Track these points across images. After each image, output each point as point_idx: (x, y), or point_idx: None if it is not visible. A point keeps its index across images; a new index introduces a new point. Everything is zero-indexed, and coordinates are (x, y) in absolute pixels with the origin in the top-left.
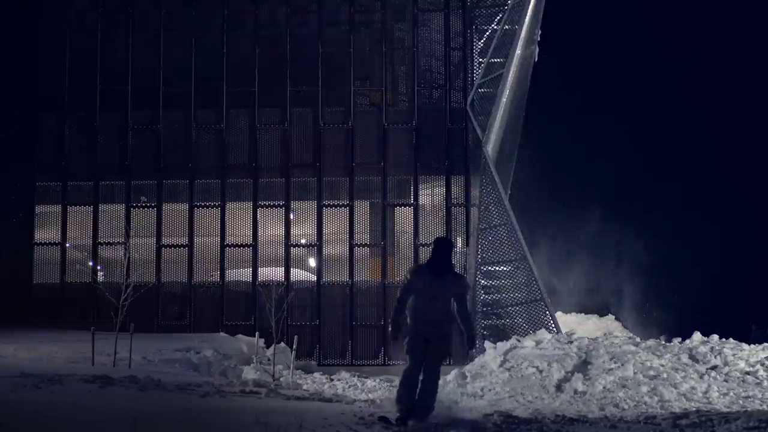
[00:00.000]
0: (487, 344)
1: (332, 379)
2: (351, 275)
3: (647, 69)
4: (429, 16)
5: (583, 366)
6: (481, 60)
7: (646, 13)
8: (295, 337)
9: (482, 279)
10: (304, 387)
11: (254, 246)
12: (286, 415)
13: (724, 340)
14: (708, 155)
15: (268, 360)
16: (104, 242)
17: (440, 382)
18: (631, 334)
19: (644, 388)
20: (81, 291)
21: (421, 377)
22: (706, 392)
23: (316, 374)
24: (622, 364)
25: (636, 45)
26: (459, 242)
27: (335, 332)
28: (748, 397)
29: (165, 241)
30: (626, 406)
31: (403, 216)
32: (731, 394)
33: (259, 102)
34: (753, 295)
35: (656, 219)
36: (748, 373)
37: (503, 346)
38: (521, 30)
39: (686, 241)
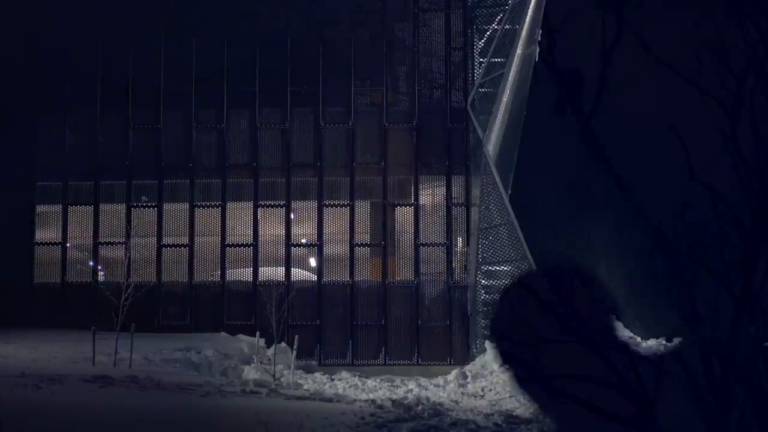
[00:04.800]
0: (488, 344)
1: (333, 379)
2: (351, 275)
3: (647, 68)
4: (429, 15)
5: None
6: (481, 60)
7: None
8: (296, 336)
9: (482, 279)
10: (305, 387)
11: (255, 246)
12: (286, 414)
13: None
14: (708, 155)
15: (269, 360)
16: (105, 242)
17: (440, 382)
18: (631, 334)
19: None
20: (81, 291)
21: None
22: None
23: (317, 374)
24: None
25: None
26: (459, 242)
27: (336, 332)
28: None
29: (165, 240)
30: None
31: (404, 216)
32: None
33: (259, 102)
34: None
35: (658, 219)
36: None
37: None
38: (521, 30)
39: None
